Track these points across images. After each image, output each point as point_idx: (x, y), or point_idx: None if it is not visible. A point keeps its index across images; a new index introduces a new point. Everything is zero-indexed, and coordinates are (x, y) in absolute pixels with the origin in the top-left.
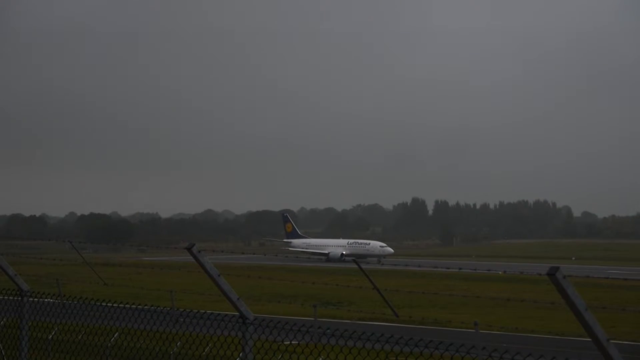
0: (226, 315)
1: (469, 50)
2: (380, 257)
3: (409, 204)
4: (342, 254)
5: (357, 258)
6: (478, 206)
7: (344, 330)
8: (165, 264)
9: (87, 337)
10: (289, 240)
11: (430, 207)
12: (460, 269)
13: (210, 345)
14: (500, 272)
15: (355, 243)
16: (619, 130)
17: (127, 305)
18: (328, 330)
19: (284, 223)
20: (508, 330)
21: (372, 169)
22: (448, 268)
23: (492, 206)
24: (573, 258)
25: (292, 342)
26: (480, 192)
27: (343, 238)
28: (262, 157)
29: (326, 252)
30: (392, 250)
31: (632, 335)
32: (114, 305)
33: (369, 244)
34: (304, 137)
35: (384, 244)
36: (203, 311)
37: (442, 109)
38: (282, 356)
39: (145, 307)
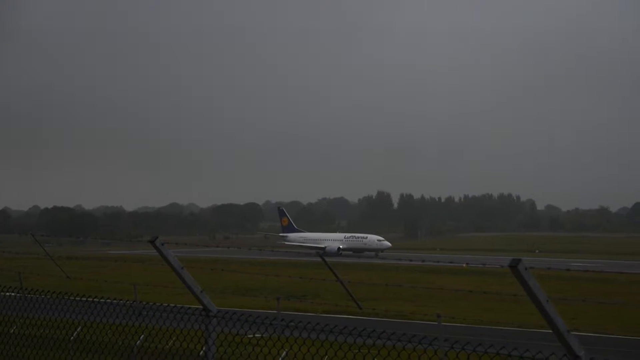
0: (189, 308)
1: (435, 45)
2: (377, 250)
3: (374, 197)
4: (339, 248)
5: (355, 252)
6: (443, 199)
7: (307, 323)
8: (129, 257)
9: (50, 331)
10: (285, 234)
11: (395, 200)
12: (435, 261)
13: (174, 338)
14: (463, 265)
15: (352, 237)
16: (582, 125)
17: (90, 299)
18: (291, 323)
19: (280, 217)
20: (470, 322)
21: (338, 162)
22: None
23: (457, 199)
24: (537, 251)
25: (256, 335)
26: (445, 186)
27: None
28: (227, 151)
29: (323, 246)
30: (390, 244)
31: (594, 326)
32: (77, 298)
33: (367, 237)
34: (270, 132)
35: (381, 238)
36: (166, 304)
37: (408, 102)
38: (245, 349)
39: (108, 300)
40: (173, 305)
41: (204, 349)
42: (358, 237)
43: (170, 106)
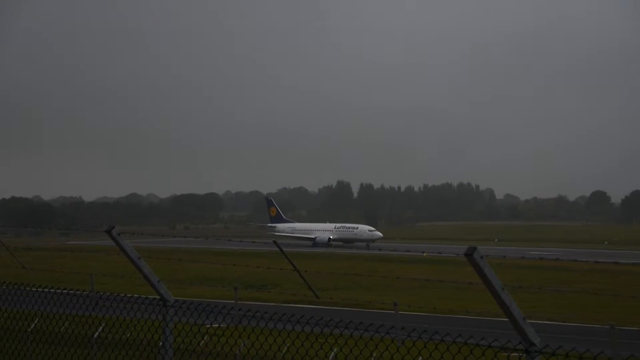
0: (146, 298)
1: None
2: (368, 241)
3: (334, 186)
4: (330, 238)
5: (345, 242)
6: (403, 189)
7: (264, 312)
8: (87, 247)
9: (7, 322)
10: (273, 224)
11: (355, 190)
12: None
13: (132, 328)
14: (423, 254)
15: (343, 227)
16: (539, 113)
17: (47, 290)
18: (248, 312)
19: (268, 207)
20: (427, 310)
21: (298, 151)
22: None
23: (416, 189)
24: (496, 240)
25: (213, 325)
26: (405, 175)
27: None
28: (188, 140)
29: (313, 236)
30: (381, 235)
31: (551, 314)
32: (33, 289)
33: (357, 228)
34: (230, 121)
35: (372, 228)
36: (123, 294)
37: (368, 90)
38: (203, 339)
39: (65, 290)
40: (130, 295)
41: (161, 338)
42: (349, 228)
43: (129, 96)
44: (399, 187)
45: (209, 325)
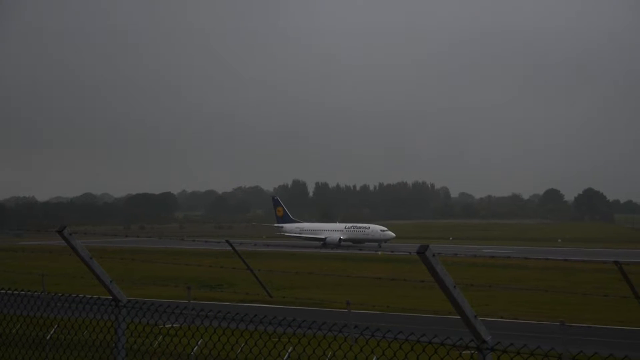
0: (99, 298)
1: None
2: (380, 241)
3: (289, 185)
4: (340, 239)
5: (356, 243)
6: (358, 188)
7: (217, 312)
8: (40, 247)
9: None
10: (281, 225)
11: (310, 189)
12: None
13: (85, 329)
14: (378, 253)
15: (354, 227)
16: (493, 114)
17: None
18: (202, 312)
19: (275, 207)
20: (380, 309)
21: (254, 151)
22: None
23: (372, 188)
24: (451, 238)
25: (166, 325)
26: (360, 174)
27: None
28: (142, 141)
29: (322, 237)
30: (394, 235)
31: (503, 312)
32: None
33: (369, 227)
34: (185, 121)
35: (384, 228)
36: (75, 295)
37: (325, 89)
38: (156, 339)
39: (16, 291)
40: (82, 295)
41: (114, 338)
42: (360, 227)
43: (84, 94)
44: (354, 186)
45: (162, 325)
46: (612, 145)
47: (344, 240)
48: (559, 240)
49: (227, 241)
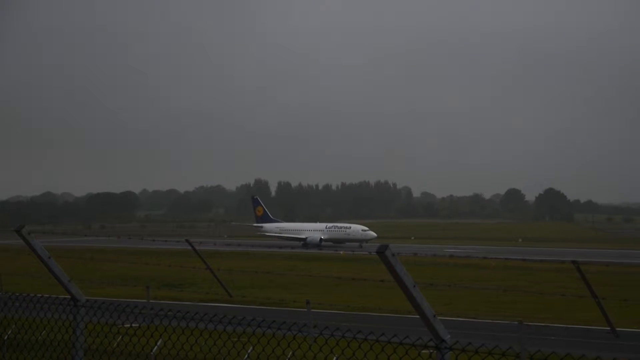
0: (57, 298)
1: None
2: (362, 241)
3: (251, 185)
4: (321, 239)
5: (337, 243)
6: (321, 187)
7: (176, 311)
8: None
9: None
10: (260, 224)
11: (273, 188)
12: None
13: (43, 329)
14: (340, 252)
15: (335, 227)
16: (454, 112)
17: None
18: (161, 312)
19: (254, 207)
20: (340, 308)
21: (216, 149)
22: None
23: (334, 187)
24: (412, 237)
25: (125, 325)
26: (323, 173)
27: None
28: (104, 139)
29: (303, 237)
30: (375, 235)
31: (463, 311)
32: None
33: (350, 227)
34: (143, 119)
35: (366, 228)
36: (33, 294)
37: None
38: (117, 339)
39: None
40: (40, 295)
41: (71, 338)
42: (341, 227)
43: (41, 93)
44: (316, 185)
45: (121, 325)
46: (573, 146)
47: (325, 240)
48: (520, 240)
49: (187, 241)
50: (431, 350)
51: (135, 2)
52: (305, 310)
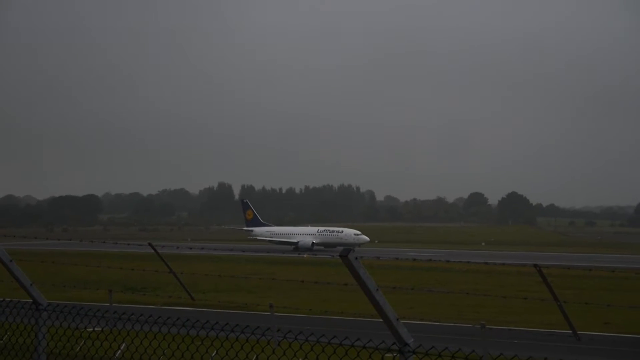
0: (19, 301)
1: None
2: (354, 245)
3: (215, 188)
4: (313, 243)
5: (328, 247)
6: (284, 190)
7: (139, 315)
8: None
9: None
10: (250, 228)
11: (236, 191)
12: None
13: (6, 333)
14: (304, 256)
15: (326, 231)
16: (415, 116)
17: None
18: (124, 315)
19: (244, 210)
20: (303, 312)
21: (179, 153)
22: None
23: (297, 190)
24: (376, 241)
25: (88, 328)
26: (287, 177)
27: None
28: (66, 142)
29: (295, 241)
30: (368, 239)
31: (427, 314)
32: None
33: (342, 232)
34: (109, 122)
35: (358, 232)
36: None
37: (252, 91)
38: (77, 343)
39: None
40: (2, 299)
41: (33, 342)
42: (333, 232)
43: (4, 94)
44: (280, 189)
45: (84, 329)
46: (535, 150)
47: (317, 244)
48: (483, 244)
49: (150, 244)
50: (394, 354)
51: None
52: (269, 313)
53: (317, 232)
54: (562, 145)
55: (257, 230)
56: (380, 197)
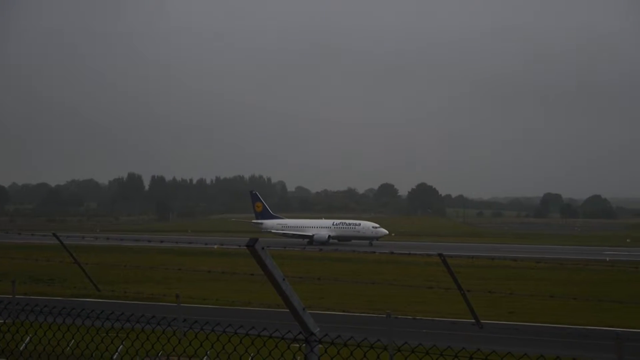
0: None
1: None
2: (372, 239)
3: (125, 179)
4: (329, 236)
5: (345, 240)
6: (195, 181)
7: (43, 306)
8: None
9: None
10: (260, 221)
11: (146, 182)
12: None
13: None
14: (215, 247)
15: (343, 224)
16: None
17: None
18: (27, 307)
19: (253, 202)
20: (210, 302)
21: (87, 143)
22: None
23: (208, 181)
24: None
25: None
26: (197, 167)
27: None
28: None
29: (309, 234)
30: (386, 231)
31: (336, 305)
32: None
33: (360, 224)
34: (13, 109)
35: (376, 225)
36: None
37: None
38: None
39: None
40: None
41: None
42: (350, 224)
43: None
44: (191, 180)
45: None
46: (444, 142)
47: (333, 237)
48: (393, 235)
49: (54, 234)
50: (300, 343)
51: None
52: (175, 304)
53: (333, 224)
54: (471, 138)
55: (268, 222)
56: (291, 188)
